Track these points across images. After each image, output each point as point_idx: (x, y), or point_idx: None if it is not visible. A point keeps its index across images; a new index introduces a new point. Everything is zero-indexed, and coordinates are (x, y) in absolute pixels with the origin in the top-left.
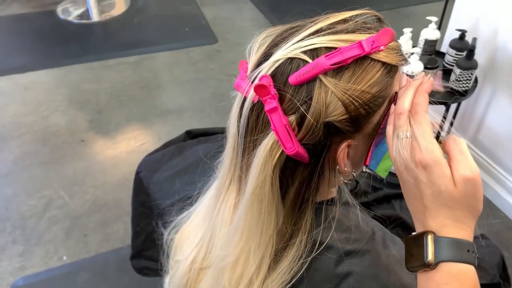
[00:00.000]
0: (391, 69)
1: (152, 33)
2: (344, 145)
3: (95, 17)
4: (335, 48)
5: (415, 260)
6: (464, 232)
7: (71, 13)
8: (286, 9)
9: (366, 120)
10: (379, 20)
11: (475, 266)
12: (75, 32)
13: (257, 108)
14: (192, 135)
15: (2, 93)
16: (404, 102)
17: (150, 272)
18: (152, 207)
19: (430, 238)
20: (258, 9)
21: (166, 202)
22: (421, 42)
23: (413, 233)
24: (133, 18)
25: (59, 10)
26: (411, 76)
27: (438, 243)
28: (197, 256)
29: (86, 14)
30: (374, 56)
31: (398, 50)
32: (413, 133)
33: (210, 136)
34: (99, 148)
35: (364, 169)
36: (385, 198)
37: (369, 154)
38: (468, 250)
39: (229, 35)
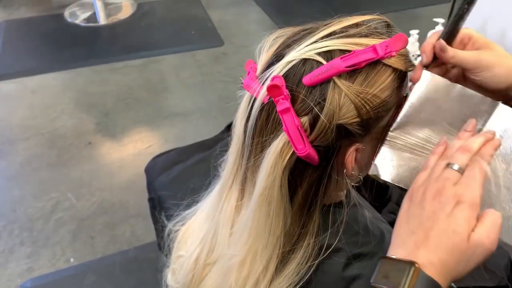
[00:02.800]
0: (400, 75)
1: (158, 36)
2: (352, 148)
3: (102, 20)
4: (349, 51)
5: (388, 282)
6: (444, 280)
7: (78, 17)
8: (292, 12)
9: (375, 124)
10: (388, 25)
11: None
12: (82, 35)
13: (267, 109)
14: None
15: (9, 97)
16: (474, 142)
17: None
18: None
19: (415, 270)
20: (264, 12)
21: (177, 196)
22: None
23: (394, 256)
24: (140, 21)
25: (66, 13)
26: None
27: (419, 278)
28: (200, 253)
29: (93, 18)
30: (385, 61)
31: (407, 56)
32: (468, 172)
33: None
34: (106, 150)
35: (370, 172)
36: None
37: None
38: None
39: (235, 38)
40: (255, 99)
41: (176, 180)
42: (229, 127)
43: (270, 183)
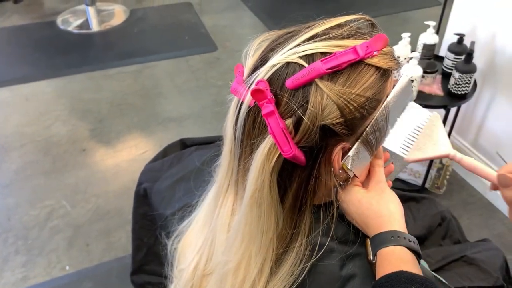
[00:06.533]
0: (384, 73)
1: (152, 42)
2: (338, 148)
3: (94, 27)
4: (330, 53)
5: (373, 265)
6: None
7: (71, 24)
8: (284, 16)
9: (361, 123)
10: (372, 25)
11: (406, 247)
12: (75, 42)
13: (254, 112)
14: (186, 146)
15: (4, 104)
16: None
17: (152, 287)
18: (154, 218)
19: (367, 242)
20: (257, 17)
21: (167, 212)
22: (419, 47)
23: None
24: (133, 27)
25: (59, 20)
26: (411, 81)
27: (372, 243)
28: (199, 262)
29: (85, 24)
30: (368, 61)
31: (391, 55)
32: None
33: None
34: (101, 157)
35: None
36: None
37: None
38: (392, 237)
39: (228, 42)
40: (242, 103)
41: (165, 197)
42: (182, 142)
43: (259, 185)
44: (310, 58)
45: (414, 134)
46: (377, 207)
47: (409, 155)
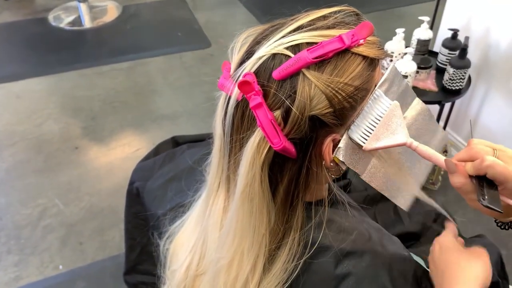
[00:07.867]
0: (371, 63)
1: (145, 38)
2: (329, 139)
3: (87, 23)
4: (316, 43)
5: None
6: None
7: (63, 20)
8: (277, 13)
9: (350, 113)
10: (357, 15)
11: None
12: (67, 39)
13: (242, 106)
14: (178, 143)
15: None
16: None
17: (145, 287)
18: (147, 217)
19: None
20: (251, 13)
21: (159, 212)
22: (414, 42)
23: None
24: (126, 24)
25: (50, 17)
26: (405, 76)
27: None
28: (191, 262)
29: (78, 21)
30: (354, 50)
31: (377, 44)
32: None
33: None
34: (93, 155)
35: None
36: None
37: None
38: None
39: (222, 39)
40: (230, 97)
41: (158, 197)
42: (174, 140)
43: (250, 179)
44: (296, 48)
45: (373, 123)
46: (465, 264)
47: (367, 144)
